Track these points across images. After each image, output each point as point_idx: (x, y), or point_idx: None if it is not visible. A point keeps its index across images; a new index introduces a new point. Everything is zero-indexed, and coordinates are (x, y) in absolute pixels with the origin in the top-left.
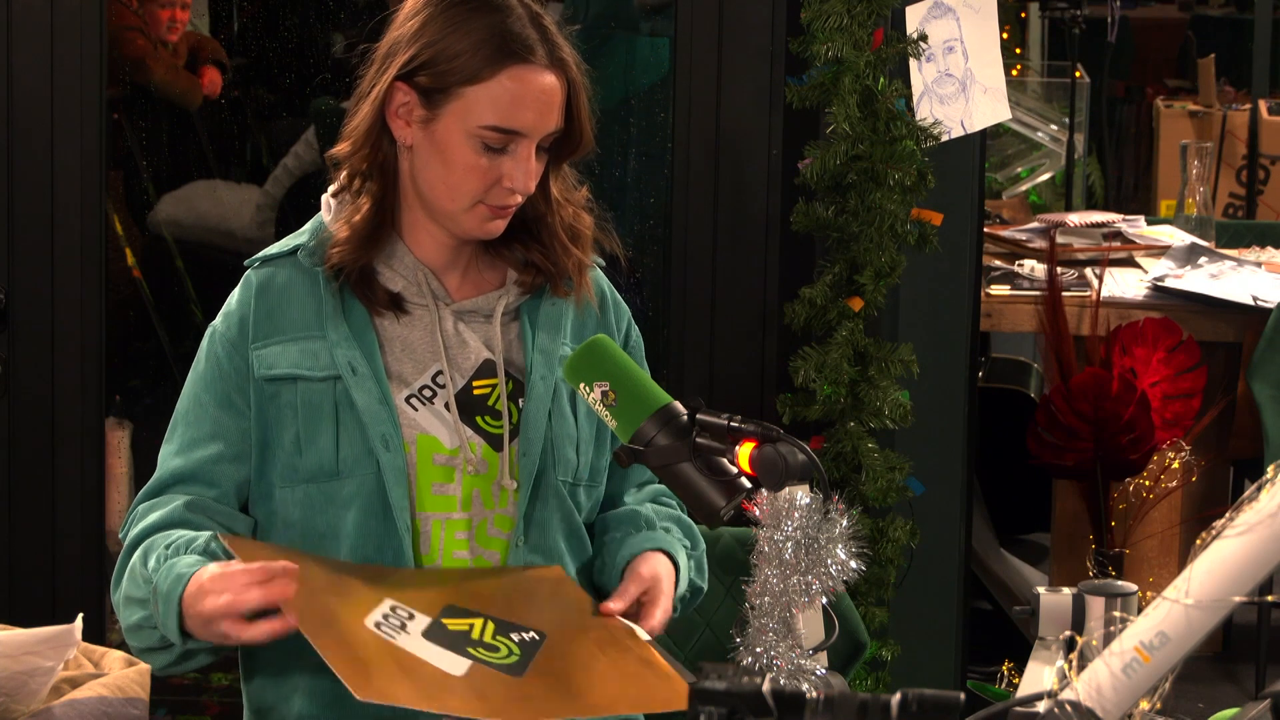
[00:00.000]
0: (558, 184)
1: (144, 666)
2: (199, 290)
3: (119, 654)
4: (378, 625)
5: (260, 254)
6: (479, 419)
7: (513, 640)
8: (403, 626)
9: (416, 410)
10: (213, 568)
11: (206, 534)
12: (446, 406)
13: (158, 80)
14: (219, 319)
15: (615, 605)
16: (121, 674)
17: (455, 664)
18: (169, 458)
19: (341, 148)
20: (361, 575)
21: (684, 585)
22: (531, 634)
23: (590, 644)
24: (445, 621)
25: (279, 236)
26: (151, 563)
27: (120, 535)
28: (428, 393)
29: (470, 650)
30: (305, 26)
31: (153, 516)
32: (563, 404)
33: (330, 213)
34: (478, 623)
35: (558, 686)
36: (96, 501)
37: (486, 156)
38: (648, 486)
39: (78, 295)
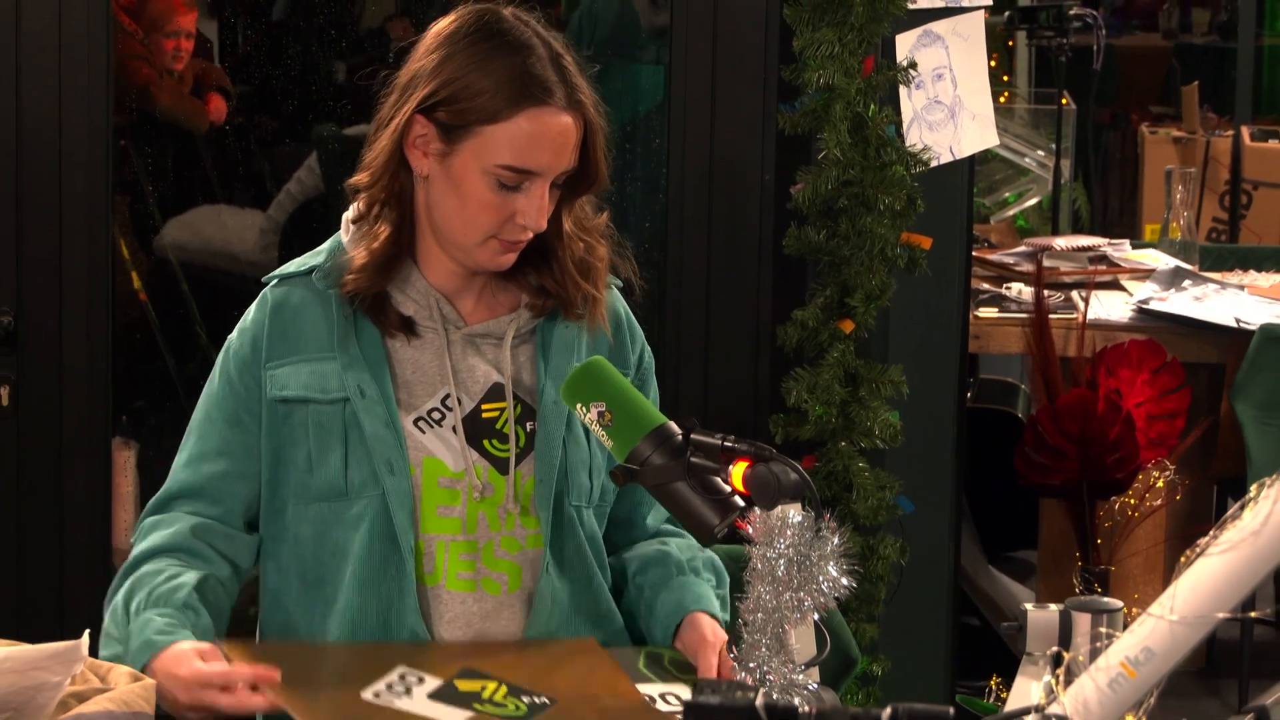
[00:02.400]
0: (570, 219)
1: (149, 682)
2: (204, 313)
3: (124, 669)
4: (377, 695)
5: (278, 271)
6: (486, 442)
7: (522, 701)
8: (407, 691)
9: (424, 433)
10: (182, 650)
11: (192, 580)
12: (454, 430)
13: (164, 106)
14: (235, 335)
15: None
16: (127, 689)
17: (455, 718)
18: (178, 469)
19: (360, 177)
20: (378, 652)
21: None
22: (543, 698)
23: (600, 710)
24: (457, 683)
25: (282, 260)
26: (133, 605)
27: (132, 542)
28: (436, 415)
29: (475, 706)
30: (307, 55)
31: (156, 537)
32: (576, 429)
33: (349, 235)
34: (490, 685)
35: None
36: (103, 520)
37: (501, 194)
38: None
39: (85, 318)
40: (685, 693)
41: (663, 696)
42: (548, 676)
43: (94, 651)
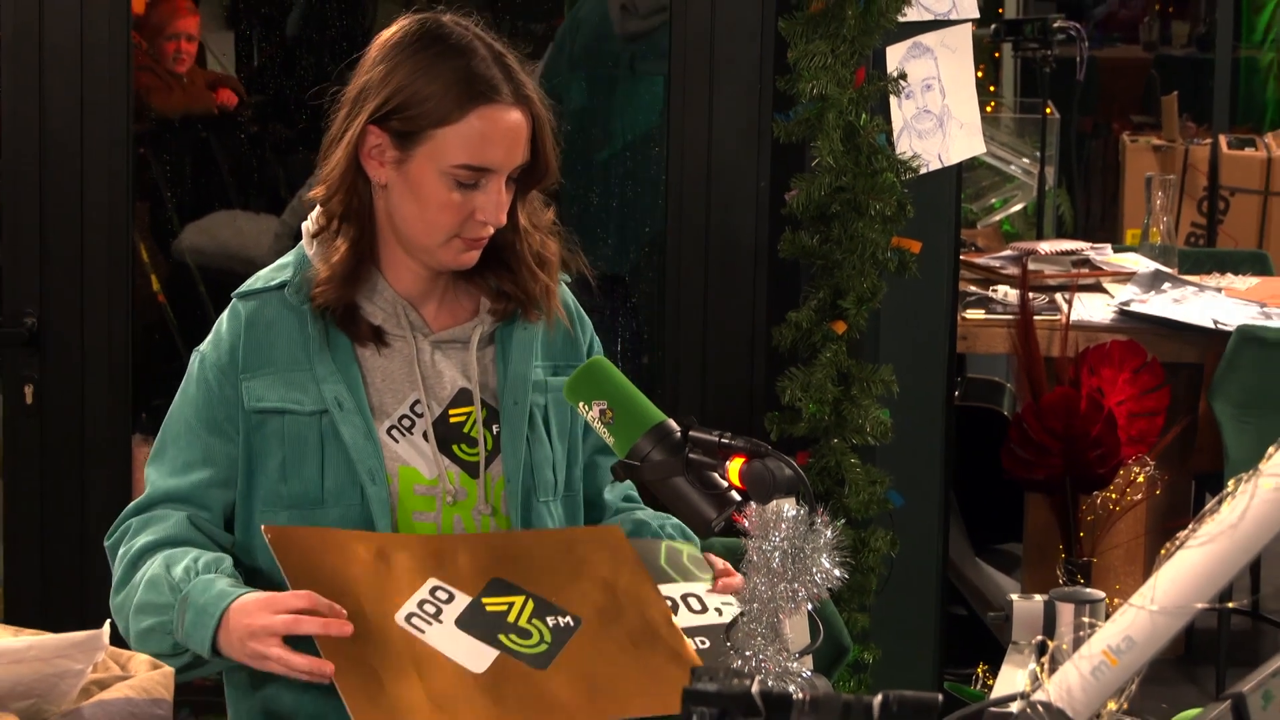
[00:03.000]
0: (524, 213)
1: (168, 669)
2: (220, 314)
3: (144, 657)
4: (409, 618)
5: (246, 286)
6: (455, 447)
7: (547, 625)
8: (437, 614)
9: (397, 442)
10: (261, 593)
11: (229, 557)
12: (425, 436)
13: (165, 106)
14: (207, 346)
15: (730, 578)
16: (147, 676)
17: (480, 657)
18: (160, 479)
19: (318, 191)
20: (411, 551)
21: None
22: (567, 619)
23: (623, 633)
24: (485, 601)
25: None
26: (178, 572)
27: (107, 543)
28: (406, 422)
29: (501, 638)
30: (320, 66)
31: (158, 530)
32: (538, 428)
33: (312, 247)
34: (517, 602)
35: (577, 684)
36: None
37: (459, 192)
38: (619, 484)
39: (106, 319)
40: (704, 591)
41: (684, 599)
42: (575, 585)
43: (115, 640)
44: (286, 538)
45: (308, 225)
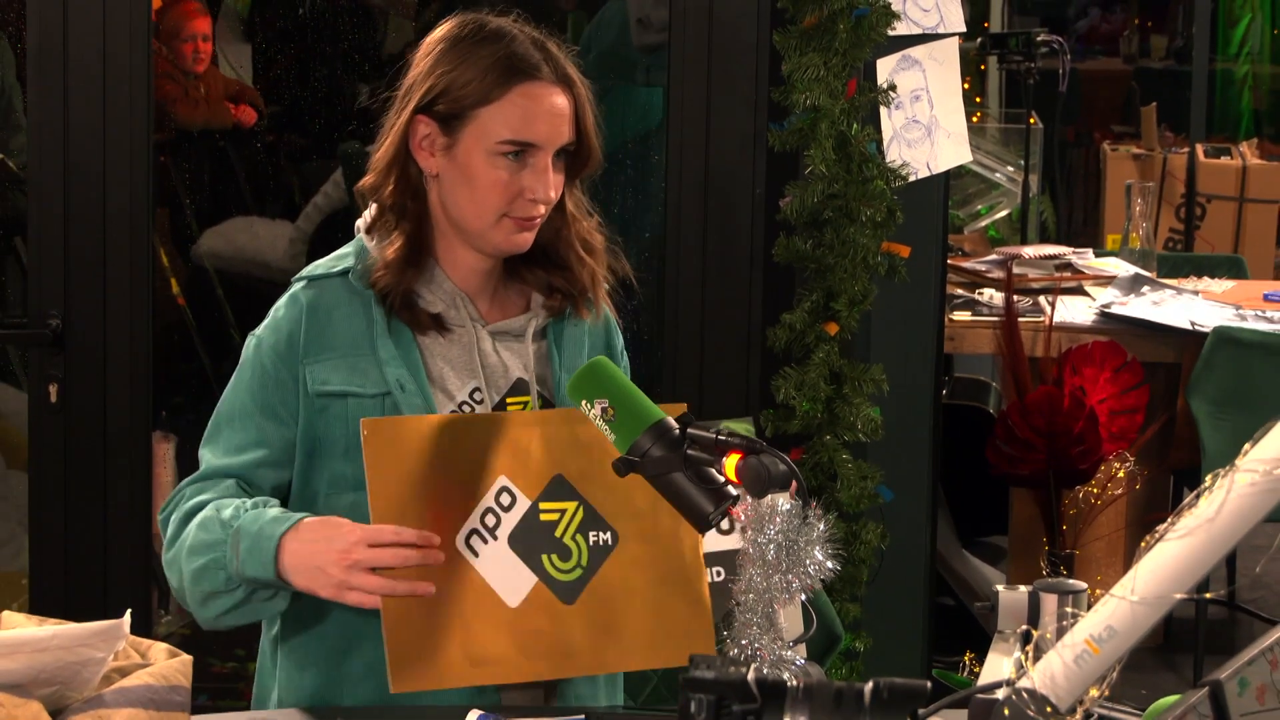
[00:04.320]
0: (572, 200)
1: (186, 658)
2: (237, 316)
3: (164, 646)
4: (470, 536)
5: (306, 272)
6: None
7: (587, 543)
8: (495, 527)
9: None
10: (357, 526)
11: (277, 500)
12: None
13: (189, 117)
14: (265, 330)
15: None
16: (166, 664)
17: (518, 587)
18: (214, 458)
19: (367, 179)
20: (489, 437)
21: None
22: (607, 536)
23: (649, 562)
24: (542, 506)
25: None
26: (227, 513)
27: (162, 516)
28: (466, 408)
29: (543, 559)
30: (334, 78)
31: (208, 494)
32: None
33: (372, 239)
34: (570, 508)
35: (594, 628)
36: (144, 508)
37: (507, 171)
38: None
39: (127, 321)
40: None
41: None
42: (625, 489)
43: (135, 630)
44: (378, 433)
45: (360, 223)
